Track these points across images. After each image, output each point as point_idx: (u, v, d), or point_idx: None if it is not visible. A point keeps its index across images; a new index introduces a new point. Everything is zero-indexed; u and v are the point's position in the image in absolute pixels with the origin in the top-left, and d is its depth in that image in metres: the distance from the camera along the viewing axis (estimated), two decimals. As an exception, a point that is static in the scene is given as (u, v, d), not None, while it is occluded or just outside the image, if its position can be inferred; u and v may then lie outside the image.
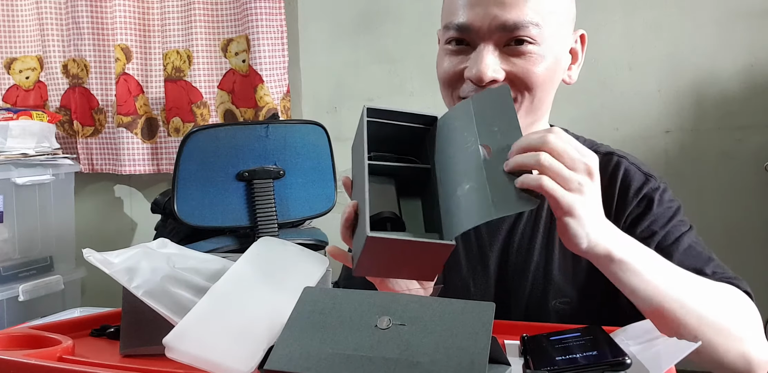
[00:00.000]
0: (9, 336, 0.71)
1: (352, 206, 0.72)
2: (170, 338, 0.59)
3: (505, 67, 0.86)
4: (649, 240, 0.87)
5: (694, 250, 0.87)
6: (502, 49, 0.86)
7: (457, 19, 0.86)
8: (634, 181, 0.92)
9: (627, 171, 0.93)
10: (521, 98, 0.88)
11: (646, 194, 0.91)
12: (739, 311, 0.80)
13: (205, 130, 1.66)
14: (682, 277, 0.76)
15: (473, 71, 0.85)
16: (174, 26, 2.30)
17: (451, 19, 0.87)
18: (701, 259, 0.86)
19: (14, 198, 2.00)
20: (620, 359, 0.58)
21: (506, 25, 0.84)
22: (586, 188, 0.66)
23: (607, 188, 0.86)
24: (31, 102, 2.50)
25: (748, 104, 1.86)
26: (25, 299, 1.97)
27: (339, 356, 0.52)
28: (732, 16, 1.87)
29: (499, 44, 0.86)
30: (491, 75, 0.84)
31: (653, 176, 0.93)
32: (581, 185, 0.66)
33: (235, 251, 1.52)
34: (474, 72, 0.85)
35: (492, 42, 0.85)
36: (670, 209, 0.91)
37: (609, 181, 0.92)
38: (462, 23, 0.86)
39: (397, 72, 2.22)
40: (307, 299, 0.58)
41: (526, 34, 0.84)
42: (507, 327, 0.77)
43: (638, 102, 1.95)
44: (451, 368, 0.50)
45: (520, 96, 0.87)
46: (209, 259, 0.75)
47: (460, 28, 0.86)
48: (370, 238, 0.63)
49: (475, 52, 0.86)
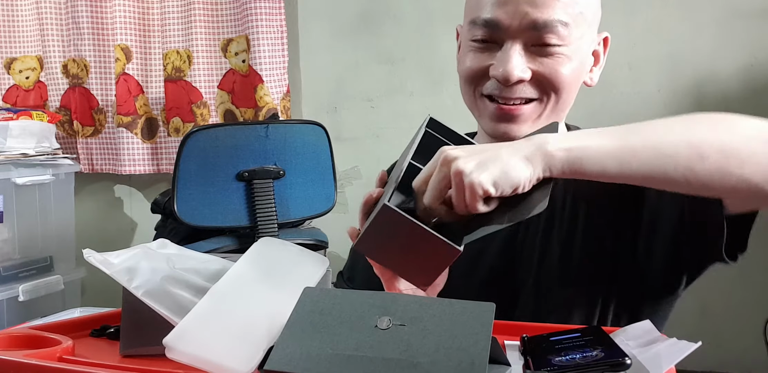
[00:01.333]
0: (9, 336, 0.71)
1: (376, 192, 0.72)
2: (170, 338, 0.59)
3: (532, 67, 0.85)
4: None
5: None
6: (529, 49, 0.85)
7: (485, 15, 0.85)
8: None
9: None
10: (546, 99, 0.87)
11: None
12: (736, 123, 0.73)
13: (205, 130, 1.66)
14: (656, 126, 0.72)
15: (500, 70, 0.84)
16: (174, 26, 2.30)
17: (479, 14, 0.85)
18: None
19: (14, 198, 2.00)
20: (620, 360, 0.58)
21: (537, 23, 0.82)
22: (456, 166, 0.65)
23: None
24: (31, 102, 2.50)
25: (748, 104, 1.87)
26: (25, 299, 1.97)
27: (339, 356, 0.52)
28: (732, 16, 1.87)
29: (528, 43, 0.84)
30: (519, 75, 0.83)
31: None
32: (456, 173, 0.65)
33: (235, 251, 1.52)
34: (501, 72, 0.84)
35: (520, 41, 0.84)
36: None
37: None
38: (490, 19, 0.84)
39: (397, 72, 2.22)
40: (307, 300, 0.58)
41: (556, 33, 0.83)
42: (507, 327, 0.77)
43: (638, 102, 1.96)
44: (452, 369, 0.50)
45: (545, 97, 0.87)
46: (209, 259, 0.75)
47: (488, 23, 0.84)
48: (385, 206, 0.63)
49: (502, 50, 0.85)
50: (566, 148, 0.67)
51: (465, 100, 0.93)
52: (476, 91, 0.89)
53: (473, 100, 0.91)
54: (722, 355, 1.85)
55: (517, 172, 0.65)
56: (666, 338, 0.65)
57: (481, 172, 0.64)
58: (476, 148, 0.68)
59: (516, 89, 0.85)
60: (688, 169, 0.66)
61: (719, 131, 0.70)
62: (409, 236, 0.64)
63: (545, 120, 0.88)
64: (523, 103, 0.87)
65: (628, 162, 0.67)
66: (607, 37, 0.94)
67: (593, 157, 0.67)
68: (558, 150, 0.66)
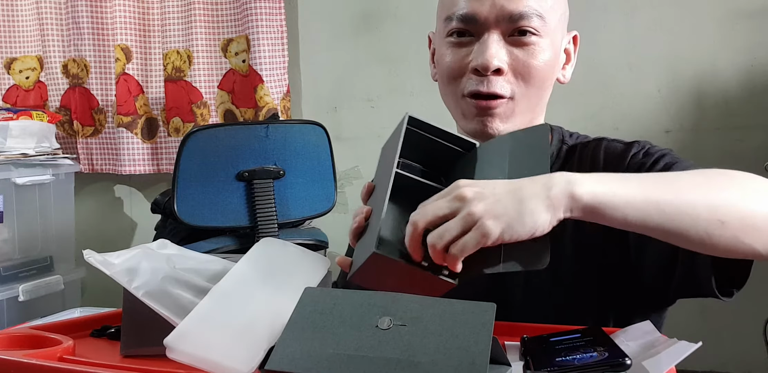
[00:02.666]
0: (9, 336, 0.71)
1: (364, 213, 0.70)
2: (171, 338, 0.59)
3: (509, 58, 0.87)
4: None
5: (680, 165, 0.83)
6: (506, 39, 0.87)
7: (461, 10, 0.87)
8: (616, 151, 0.91)
9: (607, 147, 0.93)
10: (519, 91, 0.88)
11: (632, 156, 0.89)
12: (746, 182, 0.71)
13: (205, 130, 1.66)
14: (671, 181, 0.69)
15: (479, 60, 0.86)
16: (174, 26, 2.30)
17: (454, 10, 0.88)
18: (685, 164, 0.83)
19: (14, 198, 2.00)
20: (620, 360, 0.58)
21: (512, 14, 0.85)
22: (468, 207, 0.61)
23: (591, 168, 0.88)
24: (31, 102, 2.50)
25: (748, 104, 1.87)
26: (25, 299, 1.97)
27: (340, 356, 0.52)
28: (732, 16, 1.87)
29: (504, 34, 0.87)
30: (497, 64, 0.85)
31: (637, 142, 0.92)
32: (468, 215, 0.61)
33: (235, 251, 1.53)
34: (480, 61, 0.85)
35: (497, 32, 0.86)
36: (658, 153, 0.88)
37: (592, 163, 0.92)
38: (467, 13, 0.87)
39: (397, 72, 2.22)
40: (307, 300, 0.58)
41: (531, 24, 0.86)
42: (507, 328, 0.77)
43: (638, 102, 1.95)
44: (452, 369, 0.50)
45: (518, 88, 0.88)
46: (209, 260, 0.75)
47: (464, 18, 0.87)
48: (375, 254, 0.62)
49: (480, 42, 0.87)
50: (595, 193, 0.64)
51: (446, 102, 0.94)
52: (458, 91, 0.90)
53: (455, 101, 0.91)
54: (722, 355, 1.85)
55: (536, 217, 0.61)
56: (666, 338, 0.65)
57: (495, 220, 0.61)
58: (495, 186, 0.64)
59: (493, 82, 0.86)
60: (706, 233, 0.65)
61: (743, 196, 0.69)
62: (404, 275, 0.64)
63: (521, 116, 0.89)
64: (501, 99, 0.88)
65: (650, 216, 0.65)
66: (576, 36, 0.96)
67: (618, 206, 0.64)
68: (587, 193, 0.63)
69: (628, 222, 0.65)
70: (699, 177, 0.71)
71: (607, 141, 0.94)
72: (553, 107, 0.96)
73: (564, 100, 2.06)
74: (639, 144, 0.91)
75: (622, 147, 0.91)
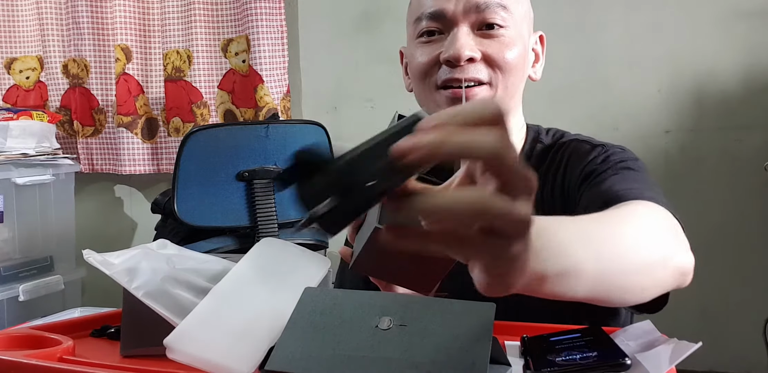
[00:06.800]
0: (9, 336, 0.71)
1: None
2: (171, 338, 0.59)
3: (480, 48, 0.88)
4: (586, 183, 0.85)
5: (628, 177, 0.81)
6: (475, 32, 0.89)
7: (428, 9, 0.90)
8: (579, 151, 0.92)
9: (575, 147, 0.93)
10: (495, 81, 0.89)
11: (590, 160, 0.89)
12: (652, 230, 0.67)
13: (205, 130, 1.66)
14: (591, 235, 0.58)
15: (450, 51, 0.87)
16: (174, 26, 2.30)
17: (422, 10, 0.90)
18: (630, 181, 0.80)
19: (14, 198, 2.00)
20: (620, 360, 0.58)
21: (478, 5, 0.88)
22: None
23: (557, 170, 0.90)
24: (31, 102, 2.50)
25: (748, 104, 1.86)
26: (25, 299, 1.97)
27: (340, 356, 0.52)
28: (732, 16, 1.87)
29: (473, 26, 0.89)
30: (468, 54, 0.87)
31: (603, 145, 0.92)
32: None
33: (235, 251, 1.53)
34: (451, 52, 0.87)
35: (466, 25, 0.88)
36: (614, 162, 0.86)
37: (558, 164, 0.92)
38: (434, 11, 0.89)
39: (397, 72, 2.21)
40: (307, 300, 0.58)
41: (497, 16, 0.88)
42: (507, 328, 0.77)
43: (638, 102, 1.95)
44: (452, 369, 0.50)
45: (494, 78, 0.89)
46: (209, 260, 0.75)
47: (433, 15, 0.89)
48: (378, 229, 0.62)
49: (450, 35, 0.89)
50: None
51: (420, 99, 0.95)
52: (429, 83, 0.91)
53: (429, 94, 0.92)
54: (722, 355, 1.85)
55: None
56: (666, 338, 0.65)
57: None
58: None
59: (467, 69, 0.88)
60: (623, 296, 0.60)
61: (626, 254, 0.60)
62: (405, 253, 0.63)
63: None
64: (475, 85, 0.89)
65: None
66: (542, 36, 0.99)
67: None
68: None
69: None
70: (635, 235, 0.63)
71: (578, 141, 0.95)
72: (554, 107, 0.97)
73: (564, 100, 2.06)
74: (603, 148, 0.91)
75: (586, 148, 0.92)
